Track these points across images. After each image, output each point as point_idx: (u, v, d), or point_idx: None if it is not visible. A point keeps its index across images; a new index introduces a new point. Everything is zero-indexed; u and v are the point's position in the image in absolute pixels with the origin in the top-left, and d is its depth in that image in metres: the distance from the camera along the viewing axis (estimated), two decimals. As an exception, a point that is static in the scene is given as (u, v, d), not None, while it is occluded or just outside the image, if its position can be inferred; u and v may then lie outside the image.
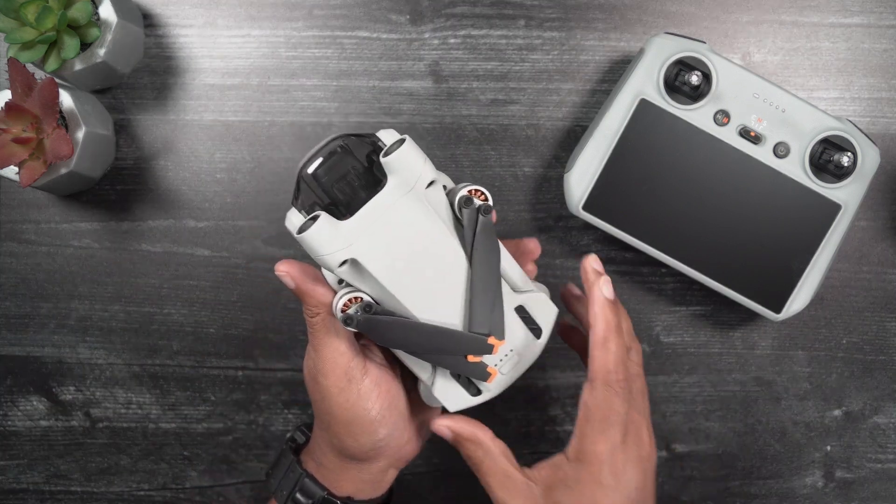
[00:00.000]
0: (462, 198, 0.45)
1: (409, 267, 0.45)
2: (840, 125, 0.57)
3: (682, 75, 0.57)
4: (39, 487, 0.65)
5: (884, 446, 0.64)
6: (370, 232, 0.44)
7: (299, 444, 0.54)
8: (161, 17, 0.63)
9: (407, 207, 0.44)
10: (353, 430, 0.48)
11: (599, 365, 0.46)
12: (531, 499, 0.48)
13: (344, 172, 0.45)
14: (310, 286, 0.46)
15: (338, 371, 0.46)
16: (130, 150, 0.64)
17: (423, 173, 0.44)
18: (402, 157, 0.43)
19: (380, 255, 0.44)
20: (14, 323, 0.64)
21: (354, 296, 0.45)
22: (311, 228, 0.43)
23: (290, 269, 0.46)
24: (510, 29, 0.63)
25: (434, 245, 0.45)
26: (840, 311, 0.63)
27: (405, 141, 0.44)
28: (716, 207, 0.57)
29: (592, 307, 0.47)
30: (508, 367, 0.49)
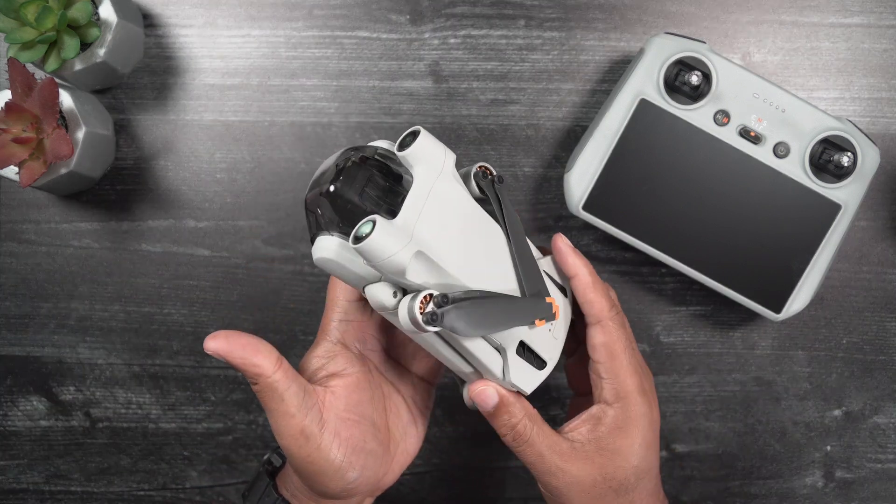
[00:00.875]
0: (476, 174, 0.46)
1: (463, 246, 0.44)
2: (840, 125, 0.57)
3: (682, 75, 0.57)
4: (39, 487, 0.65)
5: (884, 446, 0.64)
6: (422, 221, 0.42)
7: (276, 466, 0.52)
8: (161, 17, 0.64)
9: (446, 190, 0.44)
10: (321, 479, 0.47)
11: (601, 306, 0.48)
12: (586, 457, 0.48)
13: (364, 180, 0.43)
14: (240, 357, 0.44)
15: (293, 432, 0.45)
16: (130, 150, 0.64)
17: (448, 155, 0.44)
18: (423, 145, 0.44)
19: (439, 240, 0.43)
20: (14, 323, 0.64)
21: (428, 293, 0.41)
22: (374, 233, 0.40)
23: (218, 344, 0.44)
24: (510, 29, 0.63)
25: (477, 221, 0.45)
26: (840, 311, 0.63)
27: (420, 131, 0.44)
28: (716, 207, 0.57)
29: (567, 258, 0.49)
30: (556, 330, 0.50)
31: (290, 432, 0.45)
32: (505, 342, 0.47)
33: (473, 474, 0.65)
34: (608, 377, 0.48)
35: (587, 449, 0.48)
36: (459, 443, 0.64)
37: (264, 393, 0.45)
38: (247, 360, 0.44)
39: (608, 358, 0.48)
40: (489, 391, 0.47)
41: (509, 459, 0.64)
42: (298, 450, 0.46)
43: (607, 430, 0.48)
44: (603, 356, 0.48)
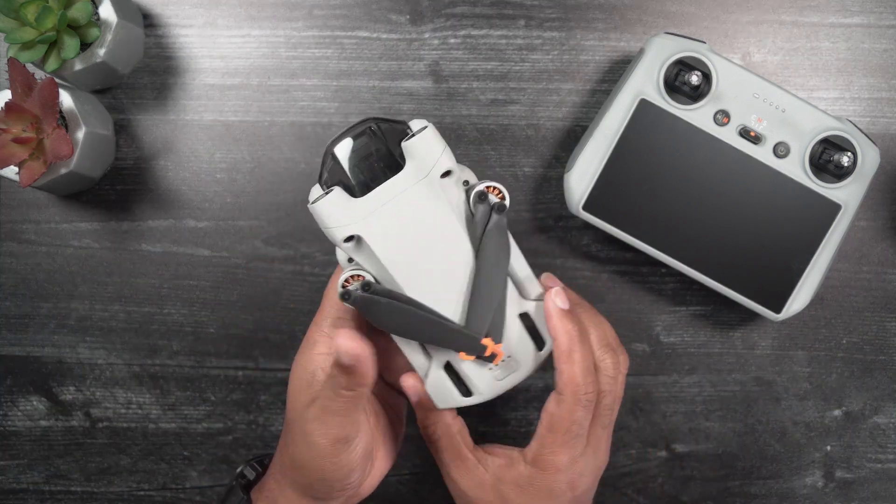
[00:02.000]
0: (477, 193, 0.45)
1: (414, 253, 0.45)
2: (840, 125, 0.57)
3: (682, 75, 0.57)
4: (39, 487, 0.65)
5: (884, 446, 0.64)
6: (379, 212, 0.44)
7: (249, 480, 0.52)
8: (161, 17, 0.64)
9: (419, 193, 0.44)
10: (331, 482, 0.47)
11: (568, 378, 0.46)
12: (481, 485, 0.48)
13: (368, 154, 0.45)
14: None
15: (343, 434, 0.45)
16: (130, 150, 0.64)
17: (440, 161, 0.44)
18: (421, 142, 0.43)
19: (385, 236, 0.44)
20: (14, 323, 0.64)
21: (357, 273, 0.45)
22: (322, 199, 0.43)
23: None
24: (510, 29, 0.63)
25: (441, 235, 0.45)
26: (840, 311, 0.63)
27: (426, 127, 0.44)
28: (716, 207, 0.57)
29: (549, 321, 0.47)
30: (504, 374, 0.49)
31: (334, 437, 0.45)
32: (435, 354, 0.48)
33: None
34: (538, 439, 0.47)
35: (486, 478, 0.48)
36: (459, 443, 0.64)
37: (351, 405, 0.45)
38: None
39: (546, 426, 0.47)
40: (412, 388, 0.49)
41: (509, 459, 0.65)
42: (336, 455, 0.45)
43: (512, 478, 0.48)
44: (544, 421, 0.47)
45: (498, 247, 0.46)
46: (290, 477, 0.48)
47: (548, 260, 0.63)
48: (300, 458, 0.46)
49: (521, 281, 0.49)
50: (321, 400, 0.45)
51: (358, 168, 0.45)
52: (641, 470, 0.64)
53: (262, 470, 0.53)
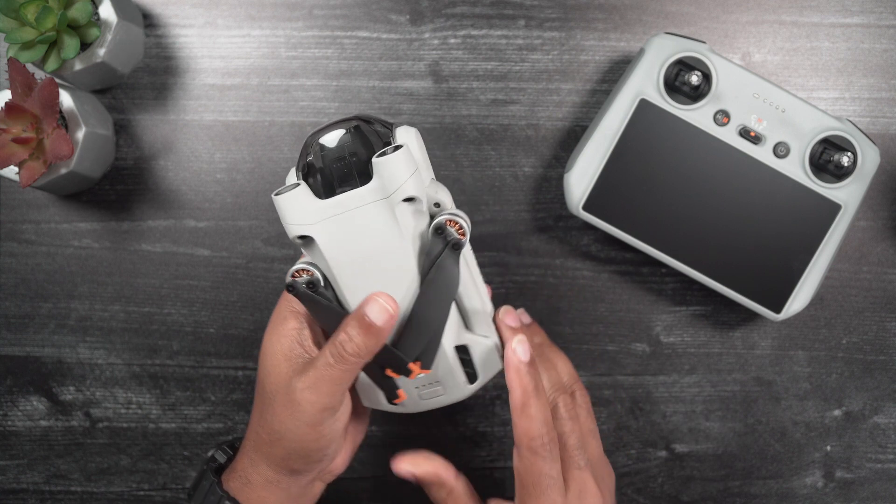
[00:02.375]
0: (436, 224, 0.45)
1: (361, 268, 0.45)
2: (840, 125, 0.57)
3: (682, 75, 0.57)
4: (39, 487, 0.65)
5: (884, 446, 0.64)
6: (336, 220, 0.44)
7: (220, 463, 0.52)
8: (161, 17, 0.64)
9: (375, 214, 0.44)
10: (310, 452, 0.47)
11: (522, 432, 0.46)
12: None
13: (341, 156, 0.45)
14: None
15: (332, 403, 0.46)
16: (130, 150, 0.64)
17: (404, 188, 0.43)
18: (389, 164, 0.43)
19: (337, 245, 0.44)
20: (14, 323, 0.64)
21: (307, 268, 0.46)
22: (285, 195, 0.44)
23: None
24: (510, 29, 0.63)
25: (390, 258, 0.45)
26: (840, 311, 0.63)
27: (400, 149, 0.43)
28: (716, 207, 0.57)
29: (507, 372, 0.47)
30: (428, 396, 0.50)
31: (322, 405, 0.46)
32: None
33: (473, 474, 0.65)
34: (517, 499, 0.47)
35: None
36: (459, 443, 0.64)
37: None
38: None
39: (518, 485, 0.47)
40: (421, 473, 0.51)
41: (509, 459, 0.65)
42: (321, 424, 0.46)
43: None
44: (516, 481, 0.47)
45: (444, 281, 0.45)
46: (265, 452, 0.48)
47: (548, 260, 0.63)
48: (282, 429, 0.47)
49: (470, 314, 0.49)
50: (316, 369, 0.45)
51: (329, 168, 0.45)
52: (641, 470, 0.64)
53: (232, 453, 0.53)
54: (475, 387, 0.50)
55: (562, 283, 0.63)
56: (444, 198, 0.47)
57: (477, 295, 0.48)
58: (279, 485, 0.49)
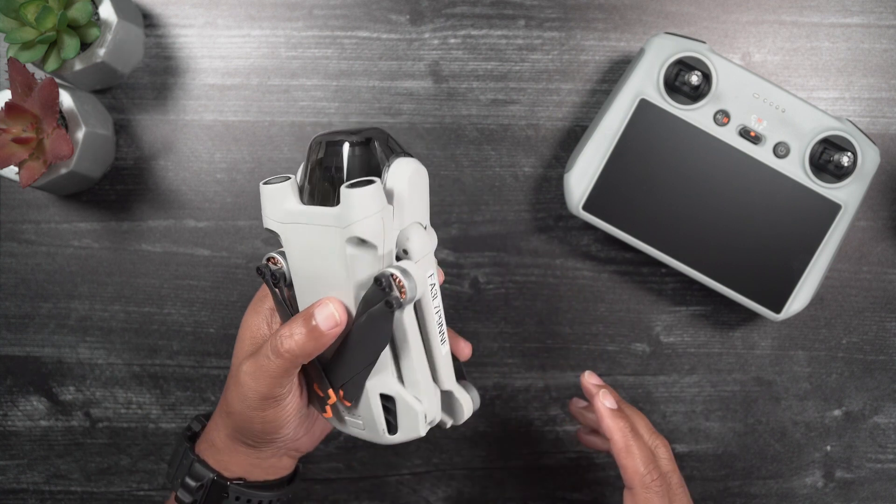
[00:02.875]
0: (377, 275, 0.42)
1: (310, 281, 0.45)
2: (840, 125, 0.57)
3: (682, 75, 0.57)
4: (39, 487, 0.65)
5: (884, 446, 0.64)
6: (299, 229, 0.44)
7: (195, 432, 0.53)
8: (161, 17, 0.63)
9: (329, 239, 0.42)
10: (259, 434, 0.48)
11: (633, 471, 0.48)
12: None
13: (331, 165, 0.43)
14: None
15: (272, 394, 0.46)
16: (130, 150, 0.64)
17: (355, 227, 0.41)
18: (350, 197, 0.41)
19: (295, 251, 0.45)
20: (14, 323, 0.64)
21: (279, 258, 0.46)
22: (270, 185, 0.44)
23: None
24: (510, 29, 0.63)
25: (332, 286, 0.44)
26: (840, 311, 0.63)
27: (369, 185, 0.41)
28: (716, 207, 0.57)
29: (603, 421, 0.49)
30: (350, 424, 0.49)
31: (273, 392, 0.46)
32: None
33: (473, 474, 0.65)
34: None
35: None
36: (459, 443, 0.64)
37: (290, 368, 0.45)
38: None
39: None
40: None
41: (509, 459, 0.65)
42: (264, 410, 0.46)
43: None
44: None
45: (372, 332, 0.43)
46: (224, 420, 0.49)
47: (548, 260, 0.63)
48: (231, 405, 0.47)
49: (404, 369, 0.46)
50: (258, 357, 0.45)
51: (317, 174, 0.44)
52: (641, 470, 0.64)
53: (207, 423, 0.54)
54: (393, 440, 0.48)
55: (562, 283, 0.63)
56: (416, 248, 0.43)
57: (419, 356, 0.46)
58: (237, 452, 0.50)
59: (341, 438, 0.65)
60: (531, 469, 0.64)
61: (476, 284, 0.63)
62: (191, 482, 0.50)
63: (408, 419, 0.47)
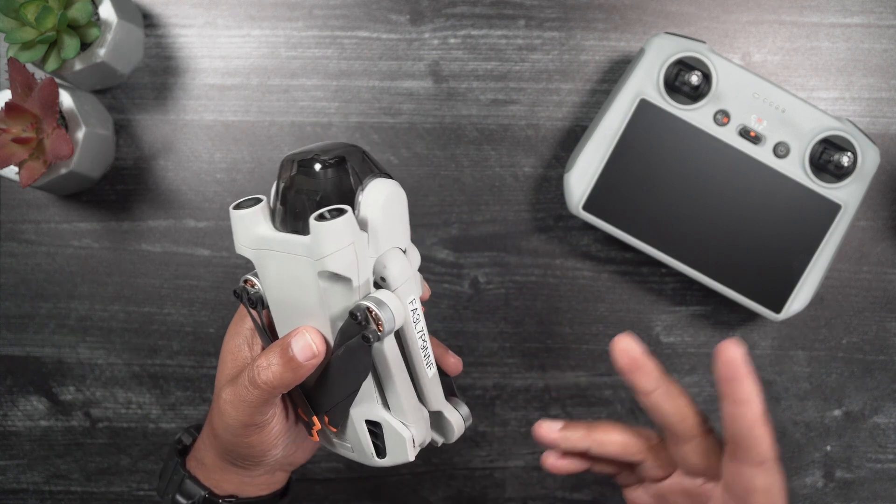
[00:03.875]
0: (352, 309, 0.40)
1: (285, 309, 0.44)
2: (840, 125, 0.57)
3: (682, 75, 0.57)
4: (39, 487, 0.65)
5: (884, 446, 0.64)
6: (272, 256, 0.42)
7: (186, 445, 0.52)
8: (161, 17, 0.63)
9: (303, 269, 0.41)
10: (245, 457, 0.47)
11: (768, 443, 0.41)
12: None
13: (302, 189, 0.41)
14: None
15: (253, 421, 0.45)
16: (130, 150, 0.64)
17: (327, 262, 0.39)
18: (319, 231, 0.39)
19: (269, 278, 0.43)
20: (14, 323, 0.64)
21: (255, 282, 0.45)
22: (240, 211, 0.42)
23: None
24: (510, 29, 0.63)
25: (308, 316, 0.43)
26: (840, 311, 0.63)
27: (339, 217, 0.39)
28: (716, 207, 0.57)
29: (742, 383, 0.41)
30: (339, 446, 0.49)
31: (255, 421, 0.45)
32: None
33: (473, 474, 0.65)
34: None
35: None
36: (459, 443, 0.64)
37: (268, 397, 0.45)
38: None
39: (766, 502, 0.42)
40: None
41: (509, 459, 0.65)
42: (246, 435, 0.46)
43: None
44: (760, 501, 0.42)
45: (351, 364, 0.42)
46: (211, 441, 0.49)
47: (548, 260, 0.63)
48: (217, 430, 0.47)
49: (389, 396, 0.45)
50: (237, 386, 0.44)
51: (288, 196, 0.41)
52: (641, 470, 0.64)
53: (198, 435, 0.53)
54: (382, 463, 0.47)
55: (562, 283, 0.63)
56: (395, 274, 0.41)
57: (403, 383, 0.45)
58: (228, 471, 0.49)
59: (341, 438, 0.65)
60: (531, 469, 0.64)
61: (476, 284, 0.63)
62: (182, 500, 0.49)
63: (395, 444, 0.46)
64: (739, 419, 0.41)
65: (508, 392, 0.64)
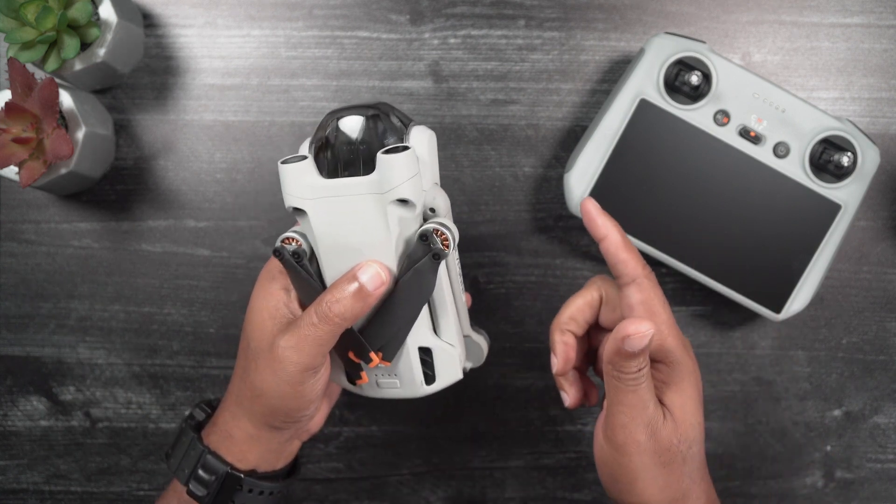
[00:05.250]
0: (422, 231, 0.46)
1: (344, 252, 0.46)
2: (840, 125, 0.57)
3: (682, 75, 0.57)
4: (39, 487, 0.65)
5: (884, 446, 0.64)
6: (331, 202, 0.45)
7: (199, 421, 0.53)
8: (161, 17, 0.64)
9: (367, 206, 0.45)
10: (290, 410, 0.48)
11: (633, 263, 0.47)
12: (664, 419, 0.47)
13: (355, 140, 0.45)
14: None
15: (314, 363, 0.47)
16: (130, 150, 0.64)
17: (399, 189, 0.44)
18: (391, 162, 0.44)
19: (327, 224, 0.46)
20: (14, 323, 0.64)
21: (296, 237, 0.47)
22: (290, 165, 0.45)
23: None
24: (510, 29, 0.63)
25: (372, 251, 0.46)
26: (840, 311, 0.63)
27: (405, 151, 0.44)
28: (716, 207, 0.57)
29: (594, 220, 0.48)
30: (385, 386, 0.51)
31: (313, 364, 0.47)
32: None
33: (473, 474, 0.65)
34: (656, 334, 0.47)
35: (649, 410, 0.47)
36: (459, 443, 0.64)
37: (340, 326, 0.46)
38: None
39: (649, 315, 0.47)
40: (646, 338, 0.44)
41: (509, 459, 0.65)
42: (302, 384, 0.47)
43: (664, 387, 0.47)
44: (643, 314, 0.47)
45: (419, 286, 0.46)
46: (246, 407, 0.49)
47: (548, 260, 0.63)
48: (264, 386, 0.47)
49: (440, 320, 0.50)
50: (300, 328, 0.46)
51: (338, 149, 0.46)
52: (641, 470, 0.64)
53: (210, 411, 0.54)
54: (431, 389, 0.51)
55: (562, 283, 0.63)
56: (441, 204, 0.47)
57: (451, 304, 0.49)
58: (259, 440, 0.50)
59: (341, 438, 0.65)
60: (531, 469, 0.64)
61: (476, 284, 0.63)
62: (204, 475, 0.50)
63: (446, 365, 0.50)
64: (606, 251, 0.48)
65: (508, 392, 0.64)
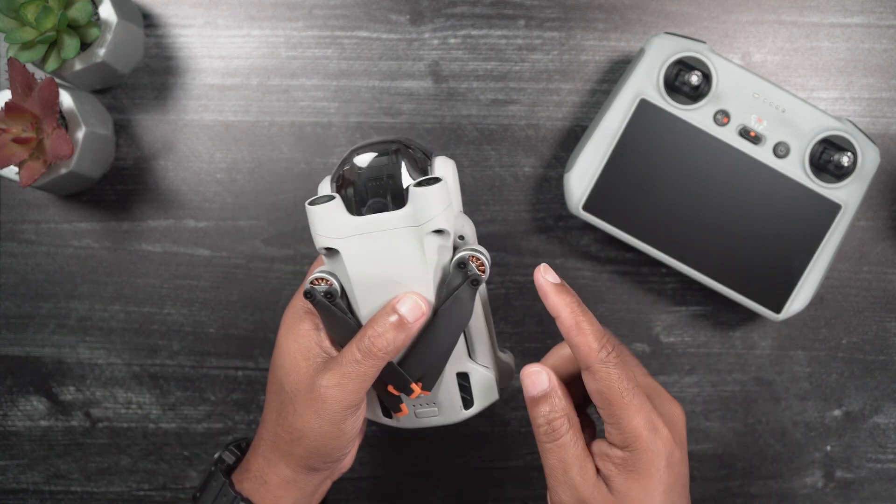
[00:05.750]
0: (458, 259, 0.46)
1: (380, 288, 0.46)
2: (840, 125, 0.57)
3: (682, 75, 0.57)
4: (39, 487, 0.65)
5: (884, 446, 0.64)
6: (364, 238, 0.45)
7: (229, 464, 0.52)
8: (161, 17, 0.64)
9: (405, 238, 0.45)
10: (330, 450, 0.48)
11: (587, 349, 0.44)
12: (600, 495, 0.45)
13: (379, 176, 0.46)
14: None
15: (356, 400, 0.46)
16: (130, 150, 0.64)
17: (436, 220, 0.45)
18: (426, 195, 0.44)
19: (361, 262, 0.46)
20: (14, 323, 0.64)
21: (326, 277, 0.47)
22: (319, 206, 0.45)
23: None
24: (510, 29, 0.63)
25: (409, 283, 0.46)
26: (840, 311, 0.63)
27: (438, 182, 0.44)
28: (716, 207, 0.57)
29: (547, 298, 0.45)
30: (424, 415, 0.52)
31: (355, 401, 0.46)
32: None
33: (473, 474, 0.65)
34: (610, 422, 0.44)
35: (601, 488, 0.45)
36: (459, 443, 0.64)
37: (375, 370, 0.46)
38: None
39: (605, 404, 0.44)
40: (542, 375, 0.45)
41: (509, 459, 0.65)
42: (343, 422, 0.47)
43: (617, 471, 0.44)
44: (599, 402, 0.44)
45: (458, 312, 0.47)
46: (284, 451, 0.48)
47: (548, 260, 0.63)
48: (305, 427, 0.47)
49: (475, 344, 0.50)
50: (341, 367, 0.46)
51: (366, 185, 0.46)
52: (641, 470, 0.64)
53: (240, 454, 0.53)
54: (469, 413, 0.52)
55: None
56: (469, 231, 0.48)
57: (485, 327, 0.50)
58: (296, 484, 0.49)
59: (341, 438, 0.65)
60: (531, 469, 0.65)
61: (476, 284, 0.63)
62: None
63: (484, 388, 0.51)
64: (560, 330, 0.44)
65: (508, 392, 0.64)
